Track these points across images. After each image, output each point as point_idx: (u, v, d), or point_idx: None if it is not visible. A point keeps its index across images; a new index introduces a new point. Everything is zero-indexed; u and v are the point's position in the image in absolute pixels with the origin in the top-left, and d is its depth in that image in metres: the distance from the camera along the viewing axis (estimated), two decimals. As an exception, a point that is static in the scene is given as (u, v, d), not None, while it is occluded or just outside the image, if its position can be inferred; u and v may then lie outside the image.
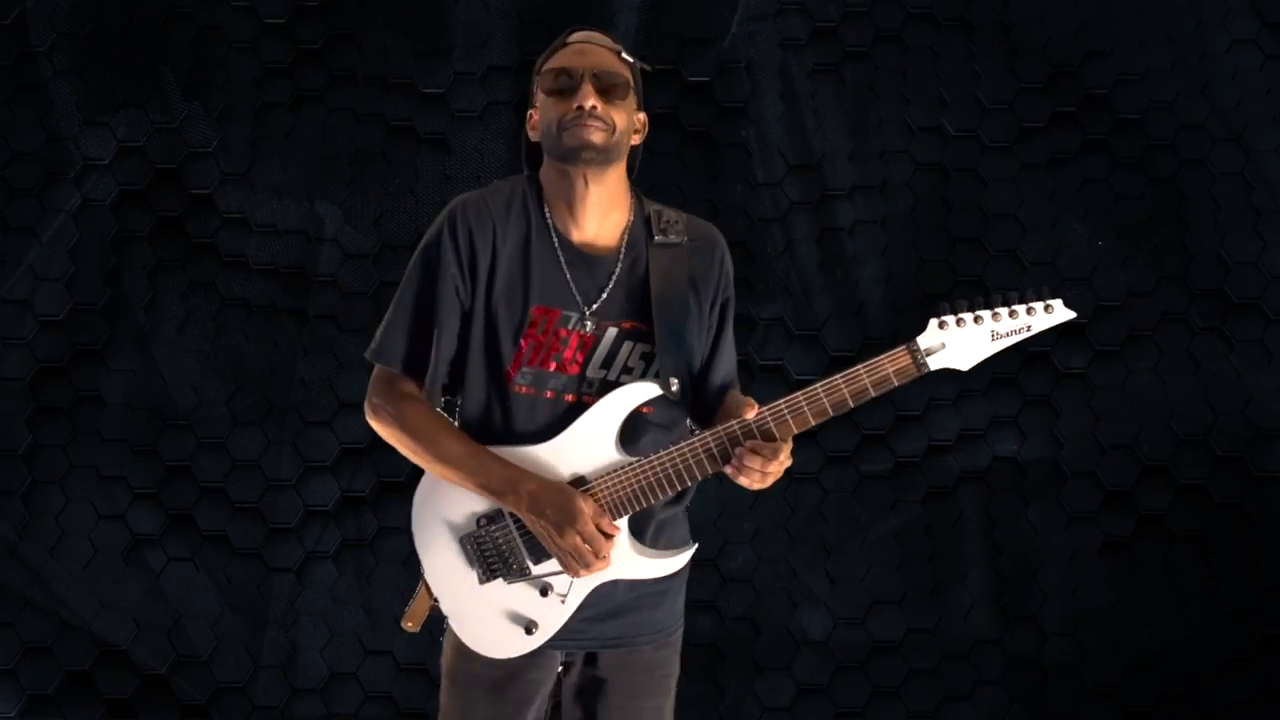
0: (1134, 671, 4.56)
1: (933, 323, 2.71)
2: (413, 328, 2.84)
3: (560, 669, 2.93)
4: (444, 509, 2.85)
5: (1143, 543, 4.56)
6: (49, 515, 4.61)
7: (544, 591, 2.83)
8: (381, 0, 4.67)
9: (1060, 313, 2.70)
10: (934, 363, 2.71)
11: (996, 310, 2.70)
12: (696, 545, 2.90)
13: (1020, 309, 2.69)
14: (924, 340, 2.72)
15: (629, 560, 2.82)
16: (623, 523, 2.81)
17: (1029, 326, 2.71)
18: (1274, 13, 4.63)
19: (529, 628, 2.84)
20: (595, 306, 2.81)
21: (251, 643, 4.60)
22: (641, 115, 2.90)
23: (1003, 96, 4.62)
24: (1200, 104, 4.61)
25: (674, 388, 2.77)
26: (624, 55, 2.83)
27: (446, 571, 2.87)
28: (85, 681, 4.60)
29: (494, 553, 2.83)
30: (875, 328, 4.58)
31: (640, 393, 2.78)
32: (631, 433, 2.81)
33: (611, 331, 2.81)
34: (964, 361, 2.72)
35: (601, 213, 2.85)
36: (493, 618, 2.85)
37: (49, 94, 4.66)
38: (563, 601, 2.82)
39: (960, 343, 2.71)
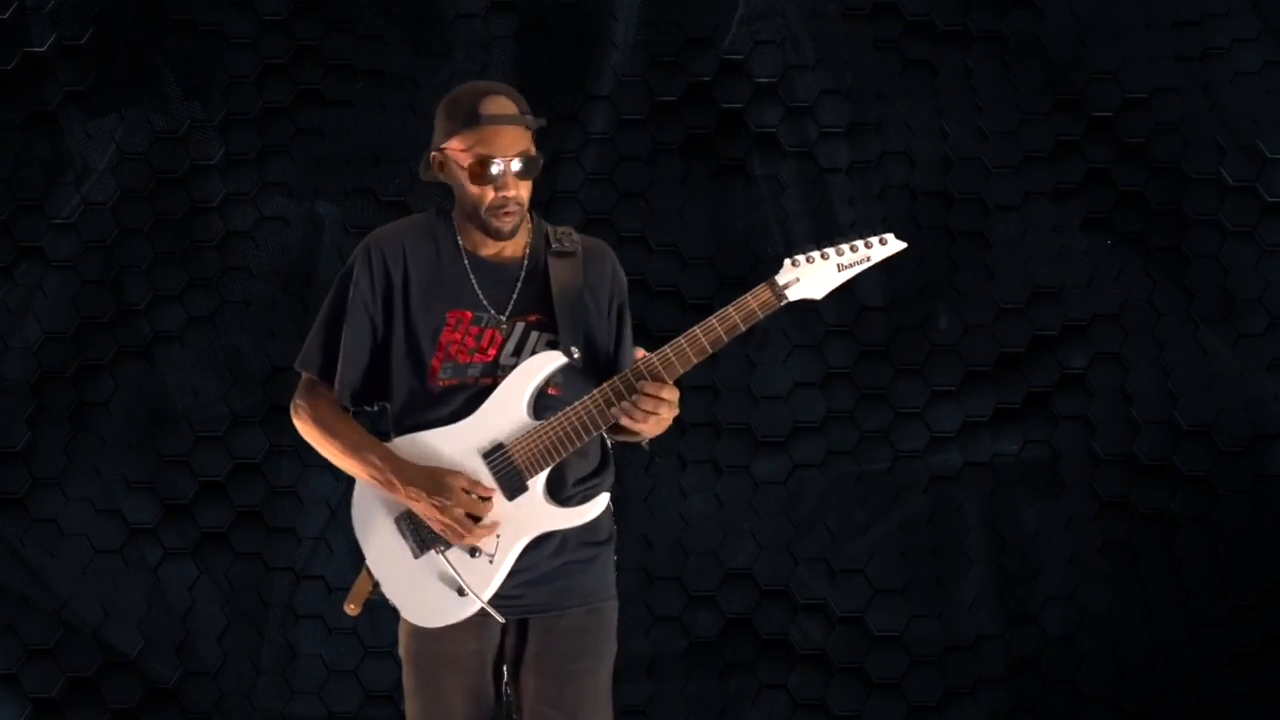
0: (1135, 669, 4.56)
1: (787, 262, 3.01)
2: (327, 341, 3.14)
3: (484, 635, 3.08)
4: (375, 495, 3.09)
5: (1145, 540, 4.56)
6: (48, 515, 4.62)
7: (472, 553, 3.02)
8: (382, 1, 4.68)
9: (893, 244, 3.04)
10: (792, 294, 3.01)
11: (840, 246, 3.02)
12: (608, 496, 3.09)
13: (860, 243, 3.03)
14: (781, 277, 3.01)
15: (543, 512, 3.03)
16: (537, 480, 3.02)
17: (869, 258, 3.03)
18: (1275, 17, 4.64)
19: (460, 590, 3.02)
20: (507, 309, 3.09)
21: (252, 643, 4.60)
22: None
23: (1003, 98, 4.63)
24: (1200, 101, 4.61)
25: (575, 355, 3.03)
26: (530, 122, 3.06)
27: (384, 552, 3.09)
28: (88, 686, 4.60)
29: (425, 525, 3.03)
30: (876, 330, 4.59)
31: (545, 360, 3.03)
32: (543, 412, 3.04)
33: (519, 325, 3.08)
34: (817, 290, 3.03)
35: (514, 238, 3.13)
36: (428, 588, 3.05)
37: (48, 97, 4.66)
38: (490, 561, 3.02)
39: (812, 275, 3.02)
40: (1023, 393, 4.59)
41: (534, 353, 3.06)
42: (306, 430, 3.18)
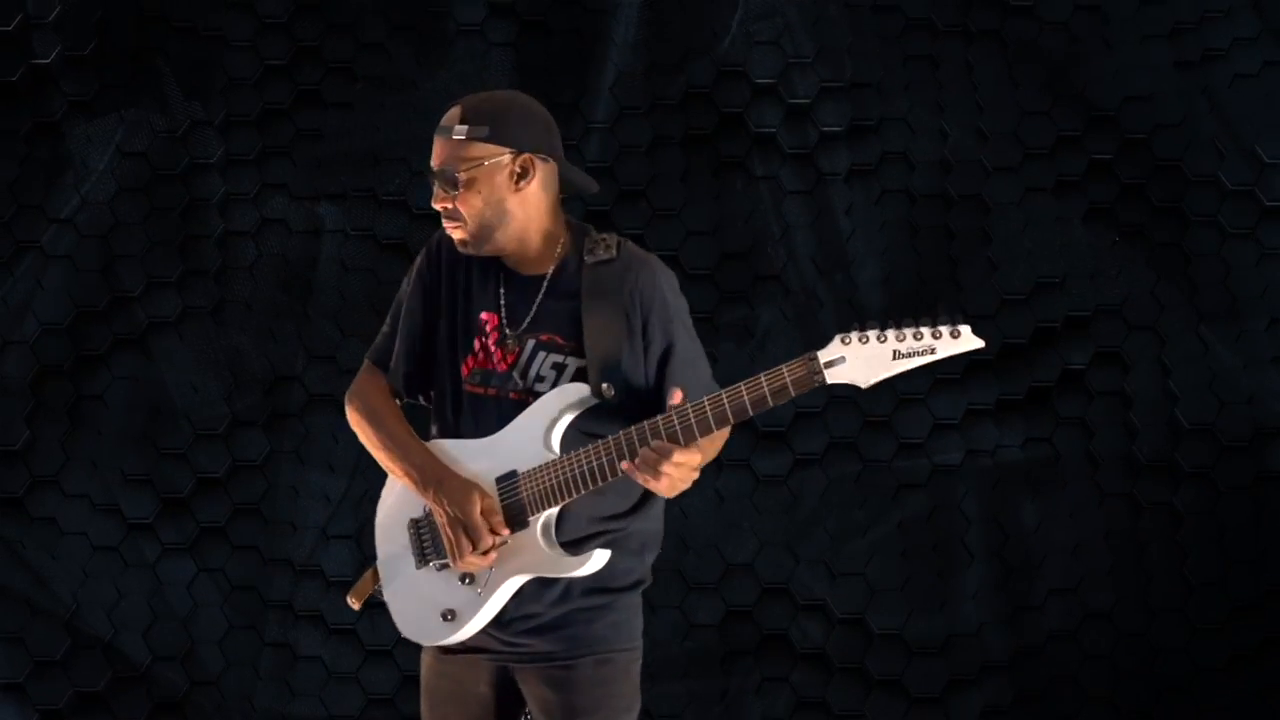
0: (1135, 669, 4.55)
1: (836, 338, 2.69)
2: (390, 330, 3.09)
3: (496, 681, 2.97)
4: (403, 495, 3.00)
5: (1146, 539, 4.56)
6: (47, 514, 4.61)
7: (463, 579, 2.91)
8: (382, 3, 4.68)
9: (967, 340, 2.64)
10: (831, 376, 2.69)
11: (901, 330, 2.66)
12: (608, 554, 2.89)
13: (926, 331, 2.65)
14: (824, 354, 2.69)
15: (535, 554, 2.87)
16: (541, 518, 2.87)
17: (933, 349, 2.65)
18: (1276, 16, 4.64)
19: (446, 614, 2.91)
20: (522, 324, 2.96)
21: (252, 644, 4.60)
22: (524, 156, 2.95)
23: (1003, 98, 4.63)
24: (1200, 101, 4.61)
25: (608, 393, 2.84)
26: (456, 131, 2.91)
27: (393, 555, 3.01)
28: (94, 699, 4.60)
29: (430, 537, 2.95)
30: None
31: (568, 394, 2.86)
32: (578, 440, 2.87)
33: (530, 343, 2.94)
34: (863, 378, 2.68)
35: (522, 250, 2.99)
36: (419, 603, 2.96)
37: (49, 97, 4.66)
38: (479, 594, 2.89)
39: (861, 359, 2.67)
40: (1025, 387, 4.59)
41: (538, 378, 2.93)
42: (355, 419, 3.07)
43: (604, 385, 2.84)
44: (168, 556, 4.62)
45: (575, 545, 2.89)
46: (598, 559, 2.86)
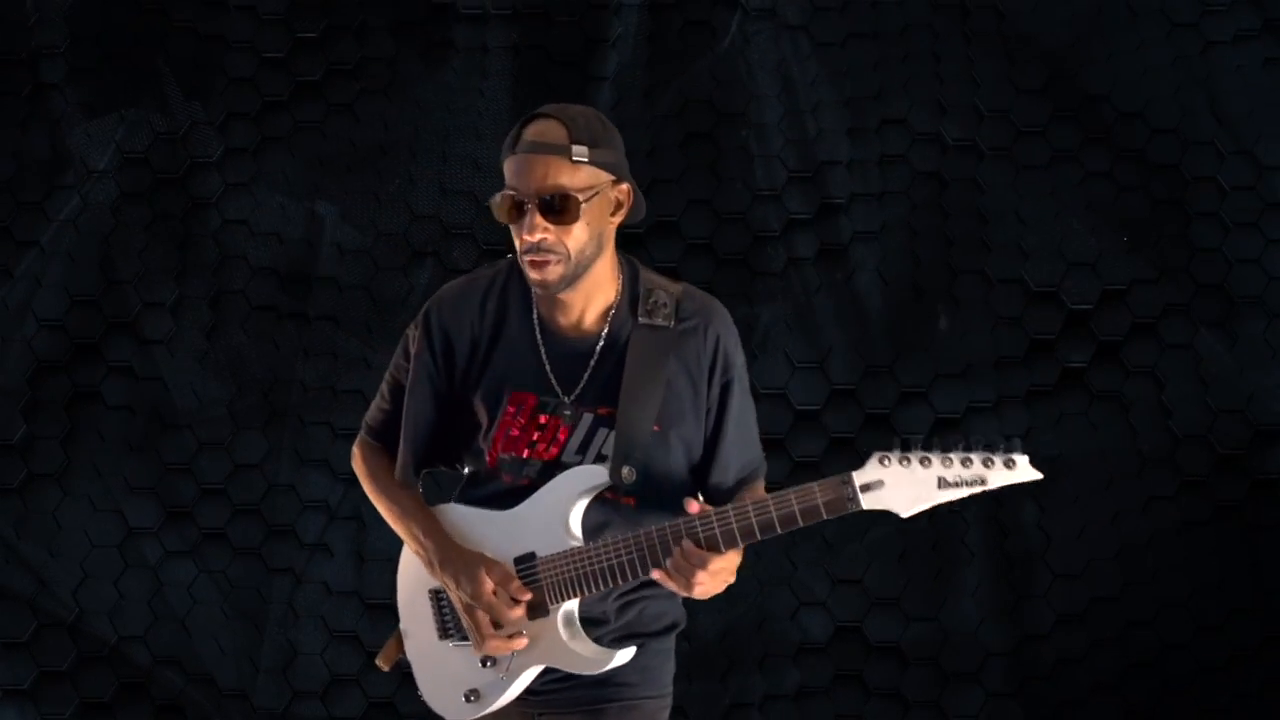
0: (1136, 668, 4.55)
1: (874, 457, 2.49)
2: (391, 410, 2.87)
3: None
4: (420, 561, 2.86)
5: (1146, 538, 4.55)
6: (46, 513, 4.61)
7: (484, 662, 2.77)
8: (382, 2, 4.68)
9: (1023, 471, 2.41)
10: (867, 501, 2.49)
11: (949, 455, 2.44)
12: (633, 651, 2.76)
13: (976, 458, 2.42)
14: (861, 475, 2.50)
15: (555, 645, 2.74)
16: (561, 607, 2.73)
17: (983, 480, 2.42)
18: (1276, 8, 4.63)
19: (469, 695, 2.79)
20: (575, 393, 2.72)
21: (252, 645, 4.59)
22: (624, 187, 2.70)
23: (1002, 100, 4.62)
24: (1200, 99, 4.60)
25: (628, 478, 2.66)
26: (575, 153, 2.61)
27: (414, 619, 2.88)
28: (98, 707, 4.60)
29: (450, 613, 2.82)
30: (876, 328, 4.58)
31: (586, 479, 2.69)
32: (597, 517, 2.72)
33: (587, 418, 2.72)
34: (904, 505, 2.47)
35: (584, 303, 2.73)
36: (443, 675, 2.84)
37: (49, 98, 4.66)
38: (503, 676, 2.77)
39: (901, 484, 2.46)
40: (1024, 388, 4.58)
41: (600, 457, 2.69)
42: (363, 481, 2.94)
43: (625, 469, 2.66)
44: (169, 559, 4.61)
45: (589, 622, 2.77)
46: (621, 657, 2.74)
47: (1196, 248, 4.58)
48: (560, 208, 2.59)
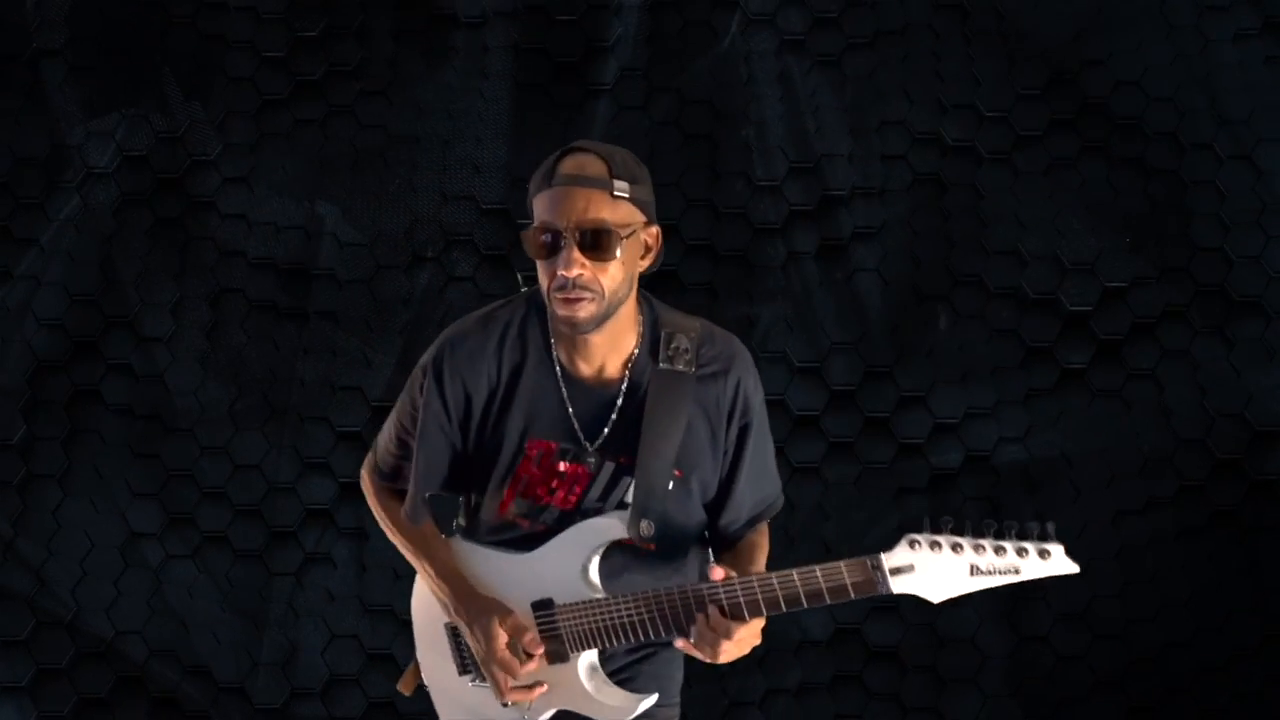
0: (1137, 667, 4.55)
1: (904, 540, 2.45)
2: (400, 452, 2.80)
3: None
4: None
5: (1145, 539, 4.55)
6: (47, 512, 4.61)
7: (504, 702, 2.74)
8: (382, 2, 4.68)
9: (1058, 563, 2.40)
10: (897, 585, 2.45)
11: (981, 543, 2.41)
12: (655, 698, 2.73)
13: (1010, 547, 2.40)
14: (890, 558, 2.46)
15: (576, 692, 2.71)
16: (583, 656, 2.70)
17: (1017, 570, 2.40)
18: (1275, 7, 4.62)
19: None
20: (599, 442, 2.67)
21: (252, 645, 4.59)
22: (654, 231, 2.65)
23: (1002, 101, 4.61)
24: (1200, 99, 4.59)
25: (646, 531, 2.62)
26: (617, 188, 2.55)
27: (432, 652, 2.86)
28: (96, 703, 4.60)
29: (469, 649, 2.78)
30: (876, 327, 4.58)
31: (603, 532, 2.65)
32: (616, 563, 2.70)
33: (609, 467, 2.67)
34: (934, 592, 2.44)
35: (608, 347, 2.67)
36: (464, 711, 2.82)
37: (49, 97, 4.66)
38: (525, 716, 2.74)
39: (932, 569, 2.42)
40: (1023, 389, 4.58)
41: (622, 505, 2.66)
42: (376, 514, 2.89)
43: (643, 524, 2.62)
44: (169, 559, 4.61)
45: (608, 666, 2.76)
46: (646, 703, 2.71)
47: (1197, 247, 4.58)
48: (600, 243, 2.52)
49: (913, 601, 2.27)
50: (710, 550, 2.84)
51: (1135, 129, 4.59)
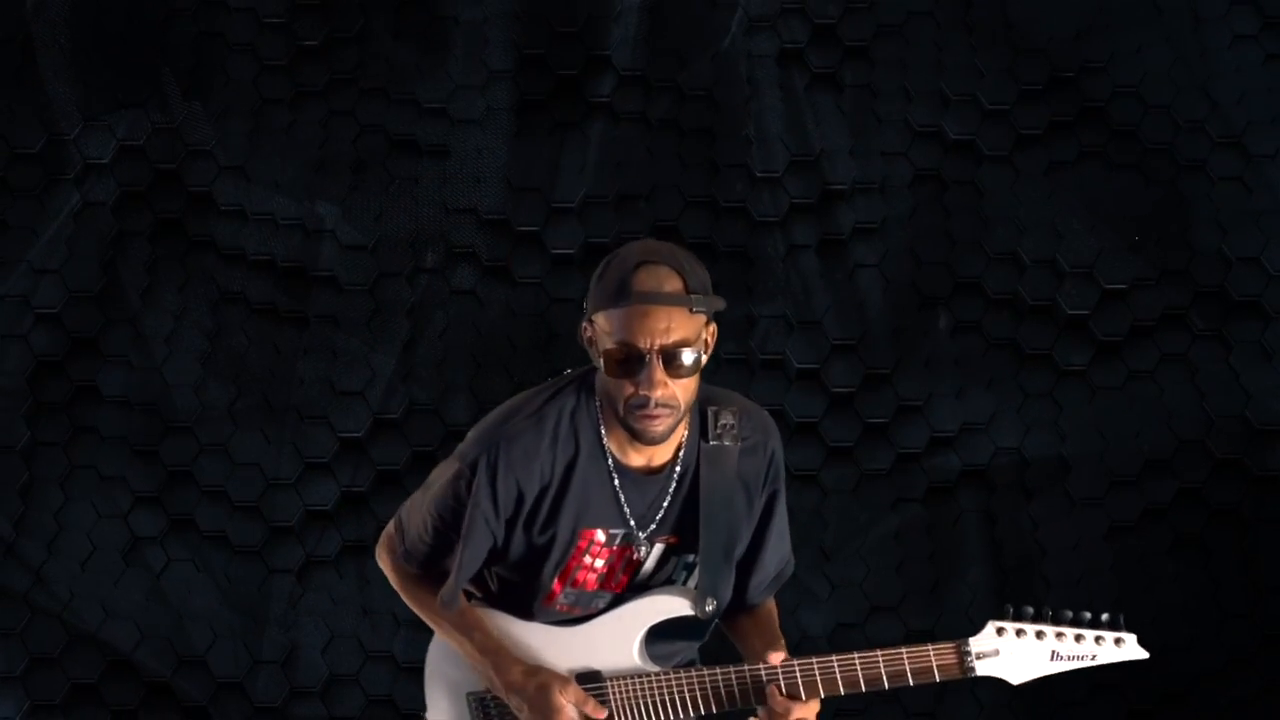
0: (1135, 670, 4.53)
1: (990, 626, 2.60)
2: (435, 544, 2.73)
3: None
4: (455, 657, 2.77)
5: (1143, 542, 4.55)
6: (48, 513, 4.61)
7: None
8: (381, 3, 4.66)
9: (1130, 649, 2.60)
10: (982, 668, 2.61)
11: (1062, 630, 2.58)
12: None
13: (1089, 635, 2.59)
14: (977, 643, 2.61)
15: None
16: None
17: (1093, 656, 2.60)
18: (1275, 8, 4.61)
19: None
20: (651, 528, 2.67)
21: (252, 644, 4.60)
22: (713, 328, 2.60)
23: (1003, 95, 4.61)
24: (1199, 100, 4.59)
25: (709, 608, 2.65)
26: (696, 304, 2.50)
27: (446, 716, 2.80)
28: (90, 691, 4.60)
29: (498, 716, 2.74)
30: (877, 327, 4.58)
31: (672, 607, 2.66)
32: (662, 631, 2.70)
33: (659, 548, 2.69)
34: (1016, 674, 2.61)
35: (669, 445, 2.66)
36: None
37: (48, 94, 4.66)
38: None
39: (1016, 654, 2.60)
40: (1021, 394, 4.58)
41: (669, 582, 2.70)
42: (401, 593, 2.82)
43: (709, 603, 2.65)
44: (170, 562, 4.62)
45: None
46: None
47: (1196, 248, 4.58)
48: (683, 362, 2.49)
49: (913, 601, 2.31)
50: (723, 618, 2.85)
51: (1134, 131, 4.59)
